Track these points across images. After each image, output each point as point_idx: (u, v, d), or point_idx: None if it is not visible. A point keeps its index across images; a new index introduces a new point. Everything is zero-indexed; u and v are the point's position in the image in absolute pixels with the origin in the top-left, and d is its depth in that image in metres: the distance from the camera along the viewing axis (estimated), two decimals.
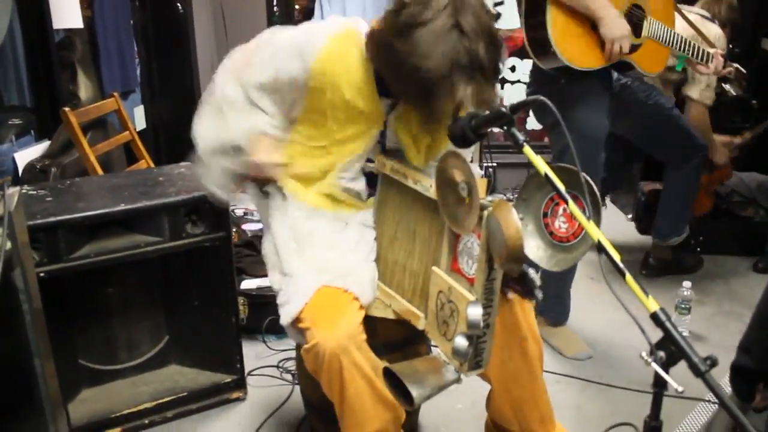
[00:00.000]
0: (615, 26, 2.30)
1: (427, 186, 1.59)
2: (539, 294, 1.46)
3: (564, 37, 2.29)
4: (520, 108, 1.37)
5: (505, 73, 4.90)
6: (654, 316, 1.11)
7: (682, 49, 2.66)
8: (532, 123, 5.01)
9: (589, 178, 1.29)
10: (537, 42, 2.32)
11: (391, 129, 1.71)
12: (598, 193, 1.30)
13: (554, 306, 2.73)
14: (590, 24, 2.33)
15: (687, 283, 2.79)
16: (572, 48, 2.31)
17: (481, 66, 1.42)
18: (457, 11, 1.41)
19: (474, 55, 1.41)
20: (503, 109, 1.36)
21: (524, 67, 4.84)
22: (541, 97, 1.31)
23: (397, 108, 1.69)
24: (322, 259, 1.70)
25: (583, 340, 2.78)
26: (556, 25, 2.28)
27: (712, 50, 2.79)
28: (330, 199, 1.75)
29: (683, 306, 2.80)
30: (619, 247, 1.19)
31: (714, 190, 3.70)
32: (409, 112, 1.68)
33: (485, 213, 1.38)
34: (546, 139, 3.42)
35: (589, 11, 2.29)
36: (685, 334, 1.59)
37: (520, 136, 1.35)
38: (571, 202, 1.24)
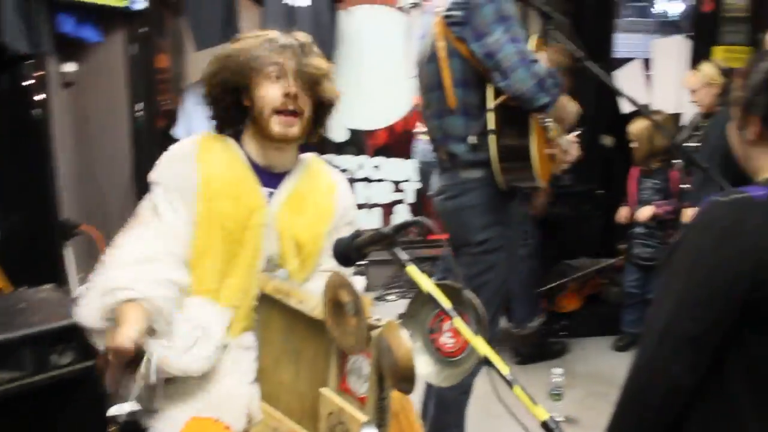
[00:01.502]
0: (574, 110, 2.45)
1: (312, 306, 1.59)
2: None
3: (539, 157, 2.33)
4: (403, 228, 1.42)
5: (370, 172, 5.03)
6: (544, 425, 1.15)
7: None
8: None
9: (472, 294, 1.34)
10: (510, 157, 2.31)
11: (274, 228, 1.73)
12: (482, 308, 1.35)
13: None
14: (544, 136, 2.42)
15: (558, 370, 2.93)
16: (542, 164, 2.36)
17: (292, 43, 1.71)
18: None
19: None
20: (385, 231, 1.40)
21: (389, 166, 5.01)
22: (424, 219, 1.36)
23: (279, 194, 1.76)
24: (192, 388, 1.64)
25: None
26: (536, 142, 2.30)
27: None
28: None
29: (556, 392, 2.92)
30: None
31: (586, 294, 4.02)
32: (292, 202, 1.75)
33: (374, 333, 1.40)
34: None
35: (562, 112, 2.40)
36: (559, 419, 1.65)
37: (403, 256, 1.39)
38: (457, 318, 1.28)
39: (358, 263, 1.55)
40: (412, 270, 1.37)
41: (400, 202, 5.16)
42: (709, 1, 4.21)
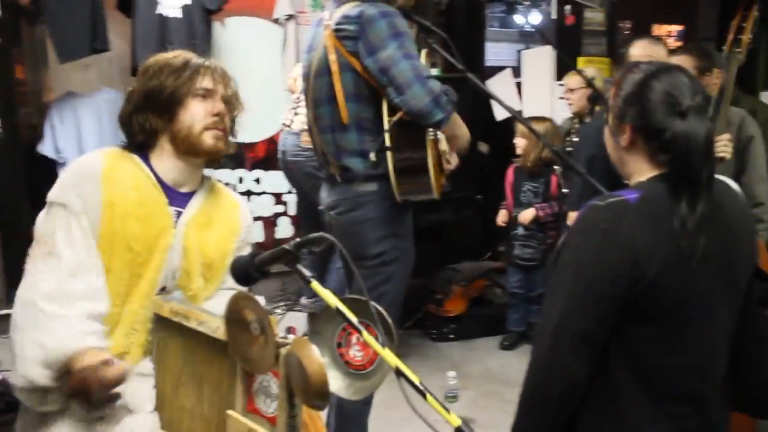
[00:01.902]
0: (467, 133, 2.48)
1: (214, 327, 1.54)
2: None
3: (434, 170, 2.37)
4: (304, 245, 1.41)
5: (251, 185, 4.95)
6: (458, 430, 1.18)
7: None
8: None
9: (379, 307, 1.35)
10: (407, 171, 2.34)
11: (181, 247, 1.69)
12: (390, 320, 1.36)
13: None
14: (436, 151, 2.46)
15: (452, 373, 3.01)
16: (436, 178, 2.41)
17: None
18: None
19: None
20: (287, 247, 1.39)
21: (270, 179, 4.94)
22: (328, 236, 1.36)
23: (187, 212, 1.72)
24: (92, 422, 1.56)
25: None
26: (431, 156, 2.34)
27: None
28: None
29: (451, 395, 3.00)
30: None
31: (471, 297, 4.14)
32: (200, 221, 1.73)
33: (282, 351, 1.38)
34: None
35: (455, 130, 2.43)
36: None
37: (306, 273, 1.38)
38: (364, 332, 1.29)
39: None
40: (316, 286, 1.36)
41: (282, 214, 5.10)
42: (570, 15, 4.48)
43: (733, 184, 1.57)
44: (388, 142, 2.31)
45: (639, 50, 2.52)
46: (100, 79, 4.74)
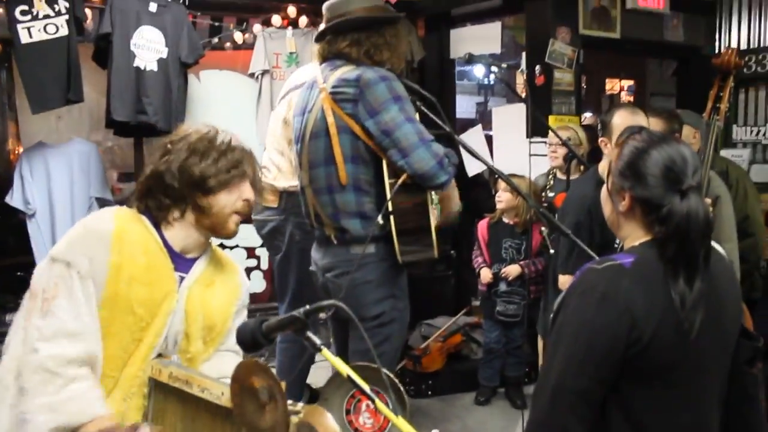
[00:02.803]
0: (457, 197, 2.53)
1: (218, 394, 1.52)
2: None
3: (436, 229, 2.37)
4: (314, 312, 1.41)
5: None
6: None
7: None
8: None
9: (391, 375, 1.35)
10: (410, 232, 2.35)
11: (183, 311, 1.68)
12: (402, 388, 1.36)
13: None
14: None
15: (435, 431, 2.98)
16: (437, 238, 2.40)
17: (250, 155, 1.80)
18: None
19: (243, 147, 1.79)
20: (296, 314, 1.39)
21: (242, 232, 4.89)
22: (339, 303, 1.37)
23: (191, 277, 1.73)
24: None
25: None
26: (434, 217, 2.35)
27: None
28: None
29: None
30: None
31: (448, 352, 4.14)
32: (204, 284, 1.73)
33: (294, 419, 1.36)
34: None
35: (453, 195, 2.49)
36: None
37: (317, 340, 1.38)
38: (377, 400, 1.29)
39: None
40: (327, 353, 1.36)
41: (255, 268, 5.06)
42: (540, 75, 4.62)
43: (719, 247, 1.63)
44: (390, 206, 2.32)
45: (621, 119, 2.58)
46: (71, 129, 4.71)
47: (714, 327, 1.48)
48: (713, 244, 1.59)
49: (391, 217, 2.32)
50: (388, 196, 2.31)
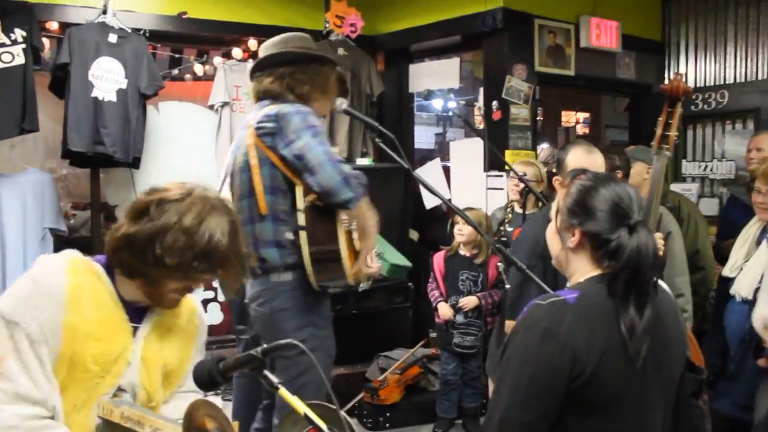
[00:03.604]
0: (374, 241, 2.54)
1: None
2: None
3: (348, 257, 2.43)
4: (271, 351, 1.41)
5: None
6: None
7: None
8: None
9: (347, 418, 1.36)
10: (322, 258, 2.41)
11: (139, 361, 1.65)
12: (354, 429, 1.37)
13: None
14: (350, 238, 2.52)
15: None
16: (350, 263, 2.46)
17: (224, 259, 1.62)
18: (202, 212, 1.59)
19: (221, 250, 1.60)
20: (253, 353, 1.39)
21: None
22: (294, 341, 1.38)
23: (146, 327, 1.69)
24: None
25: None
26: (345, 243, 2.41)
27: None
28: None
29: None
30: None
31: (405, 384, 4.15)
32: (159, 333, 1.69)
33: None
34: None
35: (365, 222, 2.49)
36: None
37: (274, 379, 1.38)
38: None
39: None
40: (285, 393, 1.36)
41: (212, 300, 5.01)
42: (497, 110, 4.72)
43: (664, 285, 1.69)
44: (302, 222, 2.41)
45: (575, 159, 2.62)
46: (25, 159, 4.64)
47: (659, 360, 1.53)
48: (659, 282, 1.65)
49: (303, 243, 2.40)
50: (301, 221, 2.40)
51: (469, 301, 3.93)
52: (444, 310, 4.00)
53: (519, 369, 1.48)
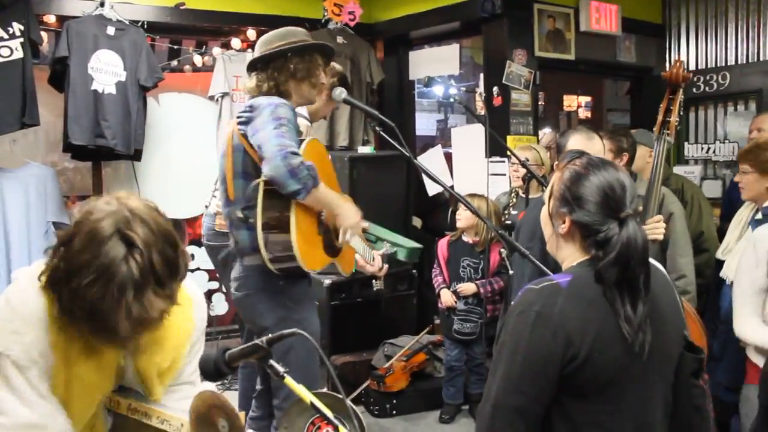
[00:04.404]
0: (351, 215, 2.56)
1: (177, 425, 1.51)
2: None
3: (303, 240, 2.43)
4: (276, 341, 1.41)
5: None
6: None
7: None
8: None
9: (354, 407, 1.37)
10: (274, 246, 2.43)
11: (134, 368, 1.63)
12: (361, 417, 1.38)
13: None
14: (318, 228, 2.54)
15: None
16: (307, 250, 2.45)
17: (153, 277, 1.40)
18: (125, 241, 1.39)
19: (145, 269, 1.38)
20: (259, 342, 1.39)
21: (204, 255, 4.86)
22: (299, 331, 1.38)
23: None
24: None
25: None
26: (297, 231, 2.40)
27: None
28: None
29: None
30: None
31: (411, 371, 4.15)
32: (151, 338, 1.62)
33: None
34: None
35: (330, 207, 2.52)
36: None
37: (280, 368, 1.38)
38: (341, 427, 1.30)
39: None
40: (290, 381, 1.37)
41: (216, 290, 5.03)
42: (498, 96, 4.71)
43: (656, 264, 1.67)
44: (259, 208, 2.43)
45: (575, 145, 2.58)
46: (26, 154, 4.63)
47: (656, 341, 1.51)
48: (651, 261, 1.64)
49: (258, 228, 2.43)
50: (259, 207, 2.43)
51: (466, 288, 3.95)
52: (446, 297, 4.02)
53: (512, 354, 1.48)
